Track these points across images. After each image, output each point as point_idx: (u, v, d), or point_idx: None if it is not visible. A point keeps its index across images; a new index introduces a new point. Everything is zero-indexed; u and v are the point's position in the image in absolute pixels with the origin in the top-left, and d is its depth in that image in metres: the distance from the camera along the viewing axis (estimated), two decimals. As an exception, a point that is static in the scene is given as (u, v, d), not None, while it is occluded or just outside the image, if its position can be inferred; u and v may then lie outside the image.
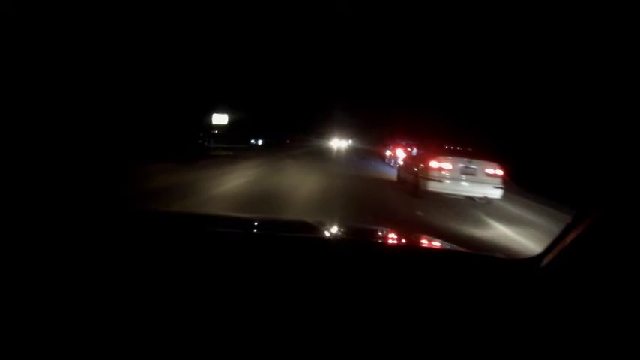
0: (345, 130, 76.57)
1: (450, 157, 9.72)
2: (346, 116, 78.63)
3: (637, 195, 0.98)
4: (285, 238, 1.69)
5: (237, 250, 1.33)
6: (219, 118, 47.19)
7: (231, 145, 31.94)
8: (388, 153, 23.20)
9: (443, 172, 9.53)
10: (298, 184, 11.10)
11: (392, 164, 20.76)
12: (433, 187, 9.53)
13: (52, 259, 1.17)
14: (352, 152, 40.66)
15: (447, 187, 9.50)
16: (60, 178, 9.25)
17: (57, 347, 0.92)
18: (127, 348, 0.93)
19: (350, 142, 71.39)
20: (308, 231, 1.97)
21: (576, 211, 1.12)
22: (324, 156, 29.69)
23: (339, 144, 64.36)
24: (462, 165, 9.61)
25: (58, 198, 6.57)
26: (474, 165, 9.62)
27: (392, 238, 2.15)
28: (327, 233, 1.96)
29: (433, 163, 9.65)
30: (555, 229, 1.29)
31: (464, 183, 9.52)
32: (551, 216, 9.02)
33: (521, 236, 7.02)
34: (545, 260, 1.13)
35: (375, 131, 56.40)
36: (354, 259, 1.34)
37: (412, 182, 10.56)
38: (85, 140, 16.72)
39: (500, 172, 9.68)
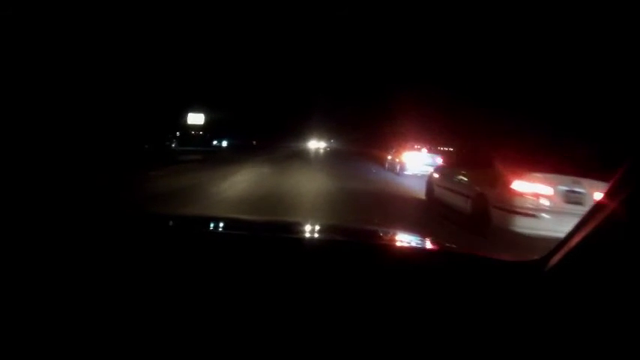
0: (324, 130, 72.25)
1: (546, 175, 5.90)
2: (324, 115, 73.77)
3: None
4: (286, 240, 1.69)
5: (239, 252, 1.32)
6: (195, 118, 43.54)
7: (197, 148, 28.20)
8: (390, 157, 19.44)
9: (537, 201, 5.74)
10: (294, 211, 7.27)
11: (397, 172, 17.02)
12: (522, 225, 5.66)
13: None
14: (339, 155, 35.64)
15: (544, 225, 5.59)
16: None
17: (59, 348, 0.91)
18: (128, 349, 0.92)
19: (332, 141, 67.56)
20: (311, 232, 2.00)
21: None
22: (309, 161, 25.48)
23: (317, 145, 60.38)
24: (564, 188, 5.82)
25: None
26: (582, 187, 5.86)
27: (394, 239, 2.03)
28: (329, 235, 1.99)
29: (519, 185, 5.84)
30: None
31: (568, 217, 5.75)
32: None
33: None
34: (551, 263, 1.10)
35: (360, 131, 52.55)
36: (356, 261, 1.30)
37: (470, 210, 6.75)
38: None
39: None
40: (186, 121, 42.29)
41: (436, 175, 8.97)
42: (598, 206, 1.02)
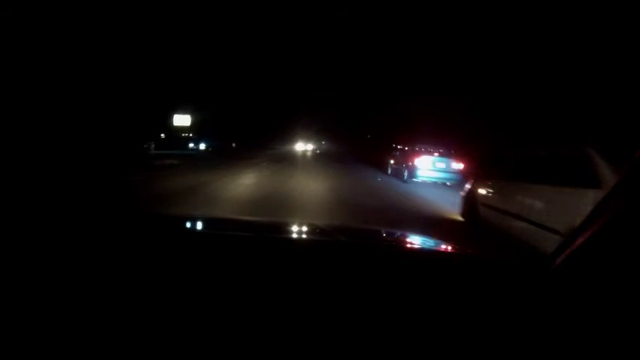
0: (313, 131, 69.60)
1: None
2: (314, 116, 71.06)
3: None
4: (288, 241, 1.68)
5: (241, 252, 1.31)
6: (181, 119, 41.95)
7: (174, 152, 26.13)
8: (393, 161, 17.16)
9: None
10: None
11: (405, 178, 14.71)
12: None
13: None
14: (333, 159, 32.16)
15: None
16: None
17: (60, 350, 0.89)
18: (127, 350, 0.90)
19: (323, 143, 65.20)
20: (312, 233, 1.99)
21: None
22: (300, 166, 22.94)
23: (304, 147, 57.70)
24: None
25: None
26: None
27: (399, 240, 2.03)
28: (332, 235, 1.96)
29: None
30: None
31: None
32: None
33: None
34: (557, 261, 1.08)
35: (355, 132, 50.28)
36: (358, 262, 1.29)
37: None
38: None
39: None
40: (172, 122, 40.41)
41: (483, 191, 6.62)
42: (603, 204, 1.00)
